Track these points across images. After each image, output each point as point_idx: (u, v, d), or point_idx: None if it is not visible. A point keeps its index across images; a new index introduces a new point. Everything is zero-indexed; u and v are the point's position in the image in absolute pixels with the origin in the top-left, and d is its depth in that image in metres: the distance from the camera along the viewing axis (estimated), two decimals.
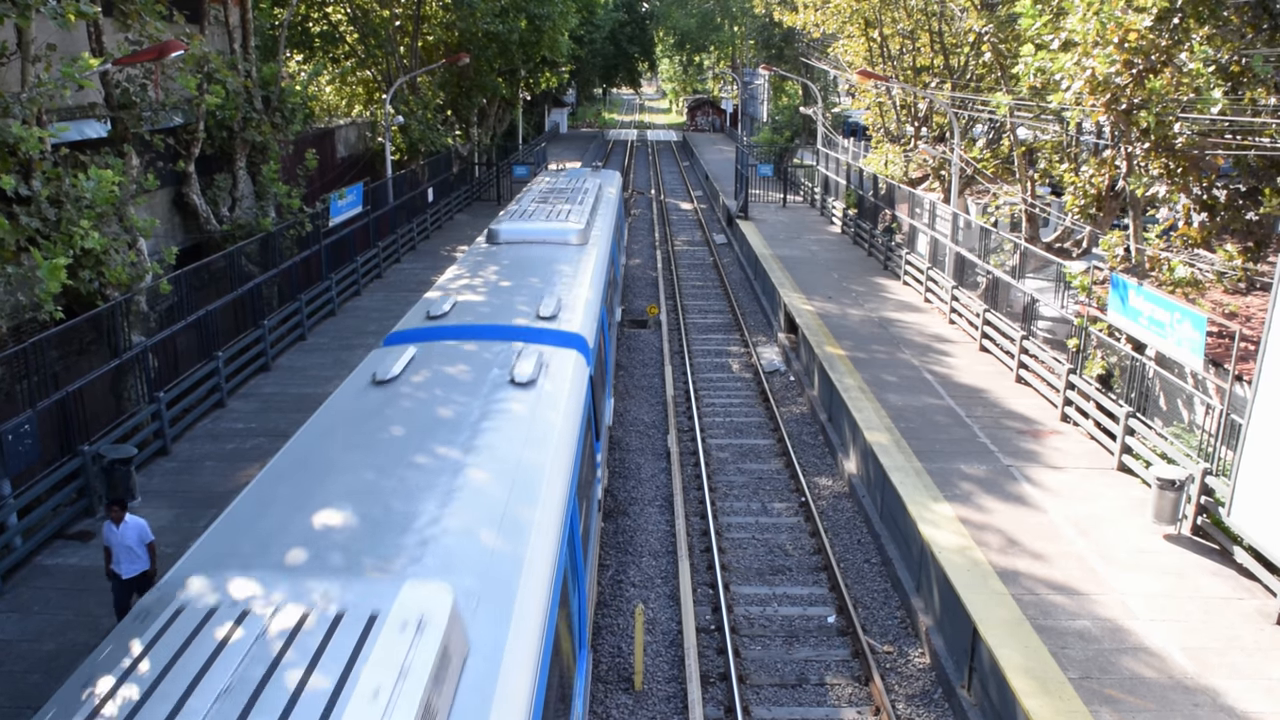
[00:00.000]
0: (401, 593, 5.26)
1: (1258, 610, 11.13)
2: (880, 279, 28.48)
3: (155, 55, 15.28)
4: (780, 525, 15.04)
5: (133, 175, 16.97)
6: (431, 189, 36.74)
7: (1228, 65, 15.58)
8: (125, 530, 10.70)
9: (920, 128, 32.81)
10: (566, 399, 9.34)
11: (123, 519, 10.68)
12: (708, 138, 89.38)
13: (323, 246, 25.42)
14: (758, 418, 19.67)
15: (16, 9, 13.10)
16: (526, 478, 7.41)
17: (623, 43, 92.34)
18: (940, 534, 12.62)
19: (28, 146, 12.95)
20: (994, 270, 21.54)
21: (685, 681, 10.96)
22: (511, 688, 5.19)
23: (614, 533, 14.60)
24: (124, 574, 10.77)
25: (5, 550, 12.04)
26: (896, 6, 31.56)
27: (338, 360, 20.66)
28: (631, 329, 26.02)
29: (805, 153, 50.99)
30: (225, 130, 22.36)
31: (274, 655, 4.88)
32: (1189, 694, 9.63)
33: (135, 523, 10.77)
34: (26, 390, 13.17)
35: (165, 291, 16.92)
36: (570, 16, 46.90)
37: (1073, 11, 16.28)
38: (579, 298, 13.13)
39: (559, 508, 7.42)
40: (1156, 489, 12.75)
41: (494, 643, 5.41)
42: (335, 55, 41.59)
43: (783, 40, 57.55)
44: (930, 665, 11.51)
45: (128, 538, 10.70)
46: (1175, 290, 15.95)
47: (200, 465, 15.42)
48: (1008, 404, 17.67)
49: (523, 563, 6.28)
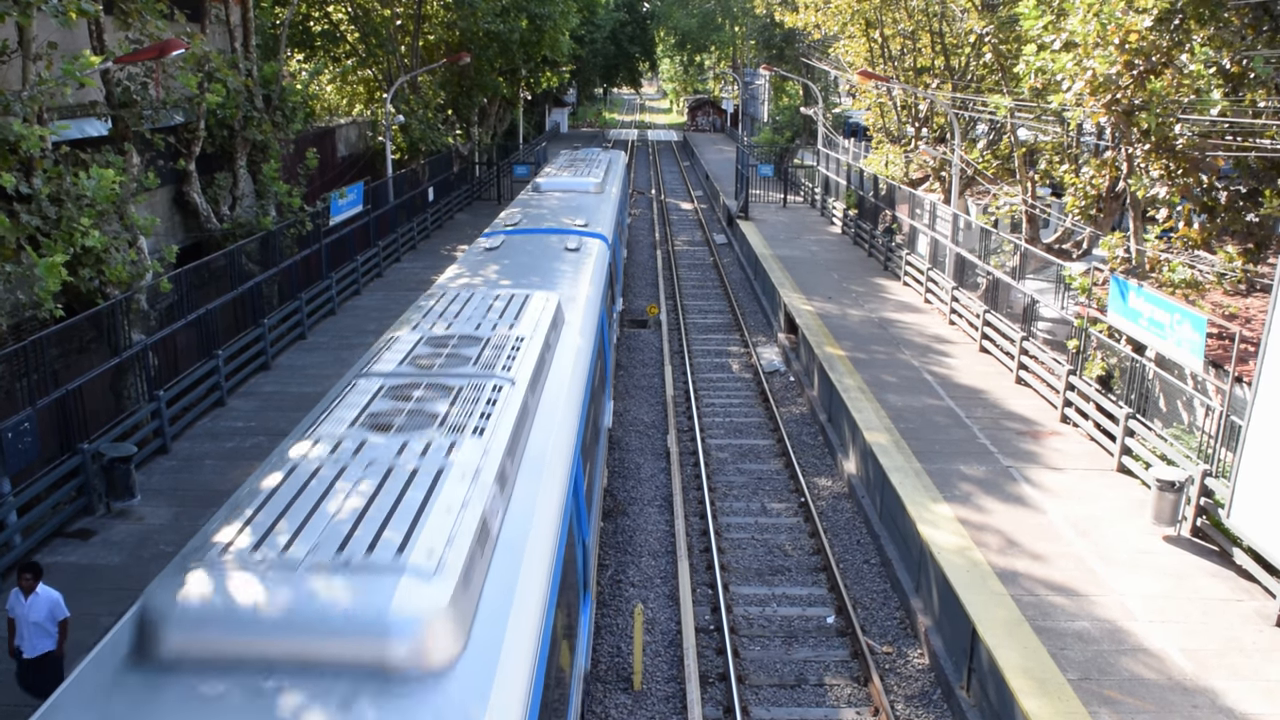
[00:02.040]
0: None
1: (1257, 612, 11.13)
2: (880, 279, 28.48)
3: (156, 54, 15.27)
4: (780, 525, 15.04)
5: (133, 173, 16.97)
6: (432, 188, 36.74)
7: (1228, 67, 15.59)
8: (35, 602, 9.15)
9: (921, 128, 32.81)
10: (596, 258, 16.09)
11: (34, 589, 9.14)
12: (708, 138, 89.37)
13: (323, 245, 25.43)
14: (757, 418, 19.67)
15: (18, 7, 13.10)
16: (579, 282, 14.13)
17: (624, 42, 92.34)
18: (940, 534, 12.62)
19: (28, 144, 12.95)
20: (994, 271, 21.54)
21: (684, 681, 10.96)
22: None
23: (613, 532, 14.60)
24: (27, 652, 9.22)
25: (4, 548, 12.03)
26: (897, 7, 31.56)
27: (338, 359, 20.65)
28: (631, 329, 26.02)
29: (806, 153, 51.00)
30: (226, 129, 22.36)
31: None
32: (1188, 695, 9.63)
33: (48, 596, 9.25)
34: (26, 388, 13.17)
35: (165, 290, 16.91)
36: (571, 16, 46.89)
37: (1073, 12, 16.28)
38: (601, 216, 20.07)
39: (599, 302, 14.04)
40: (1156, 490, 12.75)
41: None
42: (336, 54, 41.60)
43: (784, 40, 57.59)
44: (929, 666, 11.51)
45: (37, 612, 9.16)
46: (1175, 291, 15.94)
47: (200, 464, 15.42)
48: (1007, 405, 17.67)
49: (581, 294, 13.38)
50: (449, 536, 5.39)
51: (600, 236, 17.90)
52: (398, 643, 4.67)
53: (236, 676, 4.62)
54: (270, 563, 5.06)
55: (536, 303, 10.66)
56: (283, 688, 4.55)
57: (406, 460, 6.22)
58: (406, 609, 4.77)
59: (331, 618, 4.74)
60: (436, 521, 5.49)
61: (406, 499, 5.74)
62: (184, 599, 4.86)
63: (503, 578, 5.70)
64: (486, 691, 4.71)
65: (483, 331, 9.40)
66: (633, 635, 11.37)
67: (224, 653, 4.72)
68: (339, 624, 4.72)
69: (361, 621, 4.72)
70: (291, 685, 4.57)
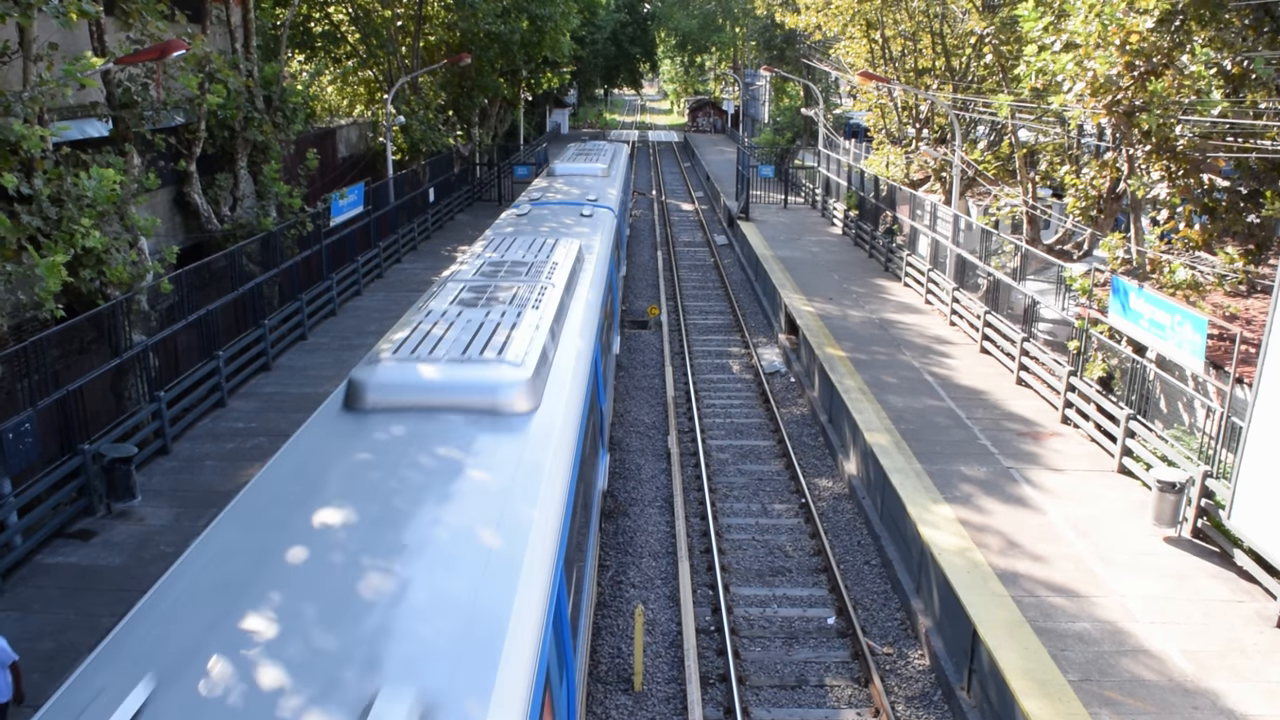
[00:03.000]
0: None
1: (1257, 613, 11.12)
2: (881, 280, 28.48)
3: (157, 54, 15.28)
4: (780, 526, 15.03)
5: (134, 174, 16.98)
6: (432, 189, 36.74)
7: (1229, 68, 15.58)
8: None
9: (921, 129, 32.81)
10: (605, 222, 19.54)
11: None
12: (709, 139, 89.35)
13: (323, 246, 25.43)
14: (758, 419, 19.67)
15: (19, 8, 13.11)
16: (593, 237, 17.44)
17: (624, 43, 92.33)
18: (940, 535, 12.62)
19: (29, 145, 12.96)
20: (995, 272, 21.54)
21: (685, 682, 10.96)
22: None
23: (614, 533, 14.59)
24: None
25: (5, 549, 12.03)
26: (898, 8, 31.55)
27: (338, 360, 20.65)
28: (632, 329, 26.02)
29: (806, 154, 50.99)
30: (227, 130, 22.36)
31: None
32: (1188, 696, 9.62)
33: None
34: (27, 389, 13.17)
35: (166, 290, 16.92)
36: (572, 17, 46.86)
37: (1074, 13, 16.28)
38: (608, 194, 23.90)
39: (608, 251, 17.47)
40: (1157, 491, 12.74)
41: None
42: (337, 55, 41.60)
43: (784, 41, 57.58)
44: (930, 667, 11.51)
45: None
46: (1176, 293, 15.94)
47: (201, 464, 15.42)
48: (1008, 406, 17.67)
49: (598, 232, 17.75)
50: (527, 349, 8.79)
51: (608, 208, 21.61)
52: (504, 396, 8.01)
53: (408, 415, 7.84)
54: (422, 358, 8.44)
55: (564, 244, 14.39)
56: (437, 420, 7.74)
57: (492, 318, 9.71)
58: (508, 379, 8.15)
59: (466, 384, 8.09)
60: (518, 342, 8.92)
61: (497, 332, 9.17)
62: (373, 375, 8.17)
63: (557, 378, 9.13)
64: (553, 427, 8.04)
65: (527, 259, 13.09)
66: (633, 636, 11.37)
67: (398, 404, 7.98)
68: (470, 387, 8.06)
69: (483, 385, 8.07)
70: (443, 419, 7.76)
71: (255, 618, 5.14)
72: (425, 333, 9.08)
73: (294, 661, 4.81)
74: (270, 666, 4.75)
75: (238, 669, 4.78)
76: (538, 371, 8.46)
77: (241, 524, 6.29)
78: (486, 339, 8.89)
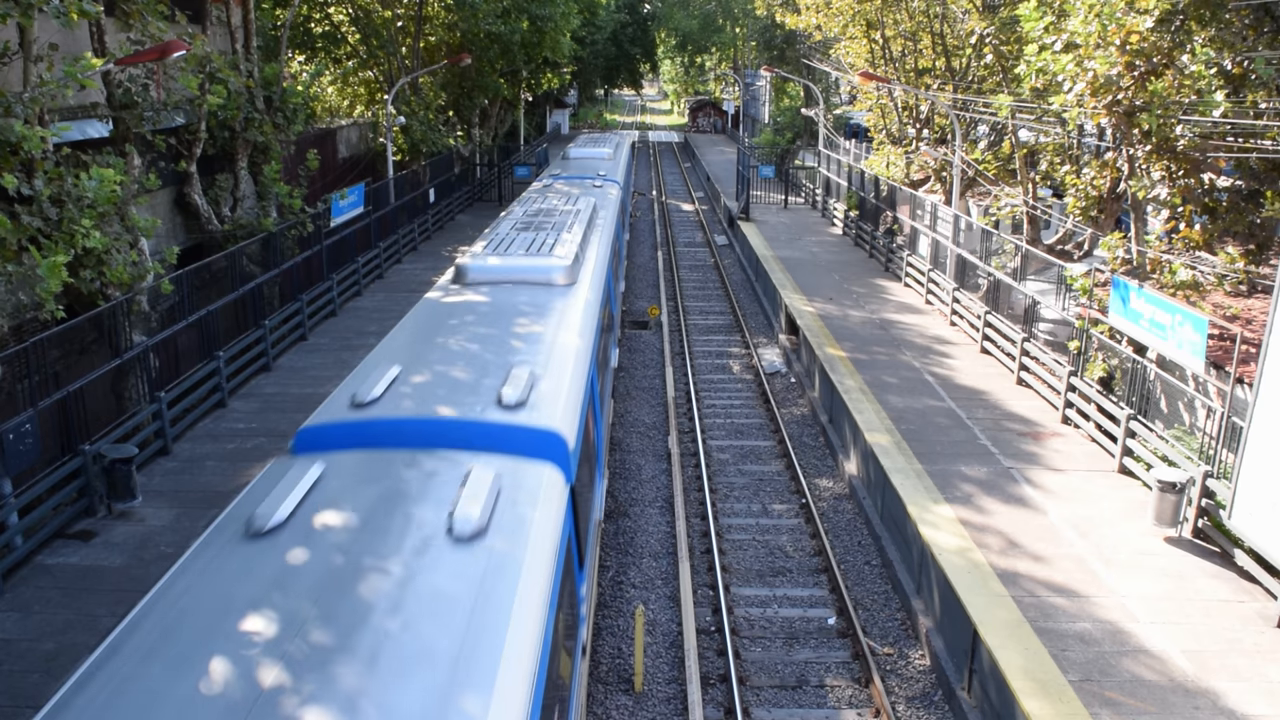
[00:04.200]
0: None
1: (1258, 613, 11.12)
2: (881, 281, 28.48)
3: (157, 55, 15.28)
4: (781, 527, 15.03)
5: (134, 175, 16.97)
6: (433, 189, 36.74)
7: (1229, 68, 15.58)
8: None
9: (922, 129, 32.80)
10: (613, 192, 23.74)
11: None
12: (709, 139, 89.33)
13: (324, 247, 25.43)
14: (758, 419, 19.66)
15: (19, 8, 13.11)
16: (605, 199, 22.30)
17: (624, 44, 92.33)
18: (941, 536, 12.61)
19: (30, 146, 12.96)
20: (995, 272, 21.54)
21: (685, 683, 10.96)
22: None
23: (614, 534, 14.59)
24: None
25: (6, 549, 12.04)
26: (898, 8, 31.55)
27: (339, 360, 20.65)
28: (632, 330, 26.02)
29: (807, 154, 50.99)
30: (227, 130, 22.37)
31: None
32: (1189, 696, 9.62)
33: None
34: (27, 389, 13.17)
35: (166, 291, 16.91)
36: (572, 17, 46.88)
37: (1074, 13, 16.28)
38: (614, 172, 28.12)
39: (617, 207, 22.66)
40: (1157, 491, 12.74)
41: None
42: (337, 56, 41.60)
43: (784, 42, 57.58)
44: (930, 667, 11.51)
45: None
46: (1176, 293, 15.93)
47: (201, 465, 15.42)
48: (1008, 406, 17.66)
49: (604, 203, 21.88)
50: (566, 250, 13.75)
51: (615, 182, 25.90)
52: (555, 275, 12.90)
53: (497, 286, 12.67)
54: (501, 254, 13.65)
55: (584, 198, 19.71)
56: (518, 288, 12.63)
57: (540, 237, 14.73)
58: (557, 263, 13.12)
59: (530, 269, 13.04)
60: (562, 245, 14.09)
61: (546, 241, 14.40)
62: (472, 264, 13.17)
63: (584, 269, 13.94)
64: (586, 292, 12.85)
65: (556, 208, 18.23)
66: (634, 636, 11.36)
67: (487, 279, 12.88)
68: (532, 270, 13.01)
69: (540, 269, 13.01)
70: (519, 288, 12.63)
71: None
72: (498, 243, 14.44)
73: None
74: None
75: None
76: (573, 264, 13.29)
77: (406, 333, 11.10)
78: (540, 246, 14.08)
